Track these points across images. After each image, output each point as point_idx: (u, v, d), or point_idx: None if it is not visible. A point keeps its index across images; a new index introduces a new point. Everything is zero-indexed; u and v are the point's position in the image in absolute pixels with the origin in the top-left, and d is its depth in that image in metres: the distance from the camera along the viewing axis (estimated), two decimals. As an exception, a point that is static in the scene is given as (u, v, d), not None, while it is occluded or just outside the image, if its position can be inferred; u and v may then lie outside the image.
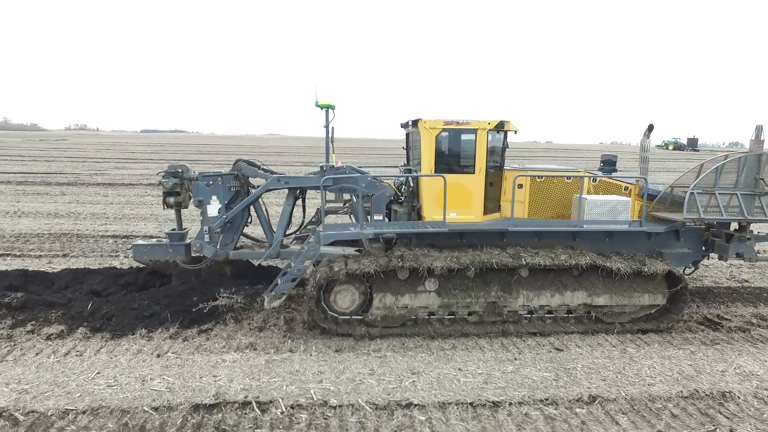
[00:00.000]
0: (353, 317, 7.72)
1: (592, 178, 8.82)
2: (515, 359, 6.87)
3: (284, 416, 5.35)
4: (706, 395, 6.03)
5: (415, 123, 8.18)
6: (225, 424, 5.18)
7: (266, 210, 9.34)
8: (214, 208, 8.71)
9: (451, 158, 8.20)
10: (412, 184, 8.92)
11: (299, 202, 9.48)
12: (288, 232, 9.31)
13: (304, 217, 9.76)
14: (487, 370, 6.51)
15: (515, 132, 8.49)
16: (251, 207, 9.02)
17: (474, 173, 8.11)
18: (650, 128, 9.21)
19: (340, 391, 5.86)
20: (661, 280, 8.07)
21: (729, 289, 10.23)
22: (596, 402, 5.82)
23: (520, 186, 8.50)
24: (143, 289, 8.66)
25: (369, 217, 8.41)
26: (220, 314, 7.88)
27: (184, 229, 9.24)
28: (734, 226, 8.70)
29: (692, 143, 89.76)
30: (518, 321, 7.94)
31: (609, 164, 9.56)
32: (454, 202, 8.02)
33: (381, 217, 8.44)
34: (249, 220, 9.20)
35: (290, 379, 6.12)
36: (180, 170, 8.78)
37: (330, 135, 9.05)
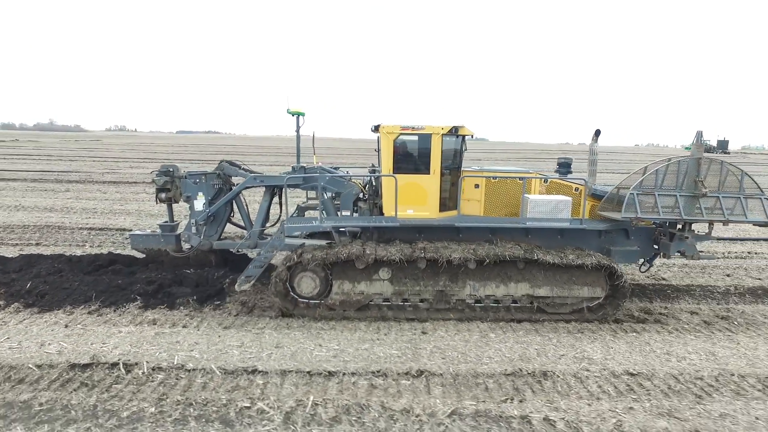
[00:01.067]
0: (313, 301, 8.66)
1: (543, 180, 9.48)
2: (377, 339, 7.65)
3: (143, 375, 6.33)
4: (528, 374, 6.67)
5: (377, 128, 8.88)
6: (90, 380, 6.19)
7: (247, 205, 10.32)
8: (199, 203, 9.72)
9: (408, 160, 8.92)
10: (374, 183, 9.71)
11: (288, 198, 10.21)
12: (268, 225, 10.17)
13: (281, 211, 10.48)
14: (344, 346, 7.33)
15: (471, 136, 9.17)
16: (233, 202, 10.01)
17: (429, 174, 8.79)
18: (597, 133, 9.72)
19: (202, 359, 6.80)
20: (599, 274, 8.62)
21: (639, 286, 10.65)
22: (422, 375, 6.56)
23: (477, 186, 9.22)
24: (88, 273, 9.82)
25: (339, 212, 9.27)
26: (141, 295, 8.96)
27: (175, 221, 10.27)
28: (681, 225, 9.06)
29: (722, 145, 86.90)
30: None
31: (564, 166, 10.25)
32: (411, 200, 8.80)
33: (348, 213, 9.28)
34: (232, 215, 10.18)
35: (167, 347, 7.11)
36: (171, 169, 9.84)
37: (312, 137, 9.90)
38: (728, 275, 11.74)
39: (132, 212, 17.83)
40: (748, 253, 14.11)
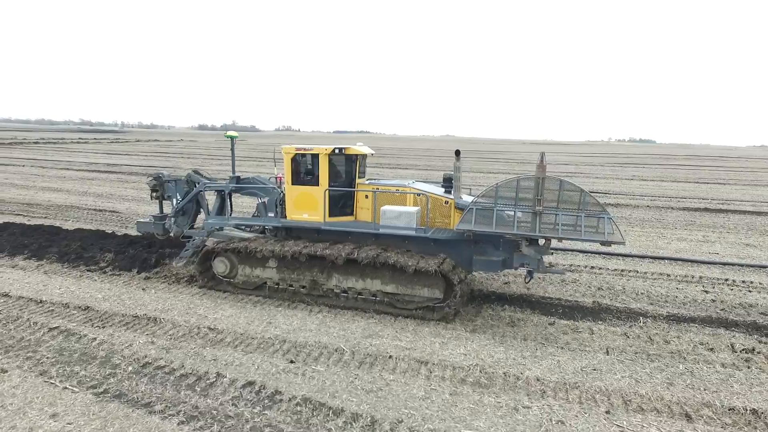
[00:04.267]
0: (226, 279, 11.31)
1: (417, 193, 10.63)
2: (116, 292, 11.36)
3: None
4: (146, 317, 9.72)
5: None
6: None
7: (208, 204, 12.97)
8: (175, 201, 12.95)
9: (302, 174, 10.92)
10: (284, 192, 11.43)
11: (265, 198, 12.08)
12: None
13: (231, 210, 12.76)
14: (113, 292, 11.15)
15: (361, 155, 10.96)
16: (199, 201, 12.84)
17: (318, 186, 10.63)
18: (457, 153, 10.53)
19: (18, 291, 11.07)
20: (438, 277, 9.50)
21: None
22: (97, 313, 10.02)
23: (367, 196, 10.91)
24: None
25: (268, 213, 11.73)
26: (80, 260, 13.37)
27: (163, 214, 13.35)
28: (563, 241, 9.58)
29: None
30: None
31: (447, 182, 11.23)
32: (305, 207, 10.79)
33: (273, 214, 11.69)
34: (200, 211, 13.10)
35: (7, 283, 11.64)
36: (160, 175, 13.11)
37: (273, 153, 12.96)
38: (506, 283, 12.38)
39: (123, 198, 24.07)
40: (591, 268, 14.02)
